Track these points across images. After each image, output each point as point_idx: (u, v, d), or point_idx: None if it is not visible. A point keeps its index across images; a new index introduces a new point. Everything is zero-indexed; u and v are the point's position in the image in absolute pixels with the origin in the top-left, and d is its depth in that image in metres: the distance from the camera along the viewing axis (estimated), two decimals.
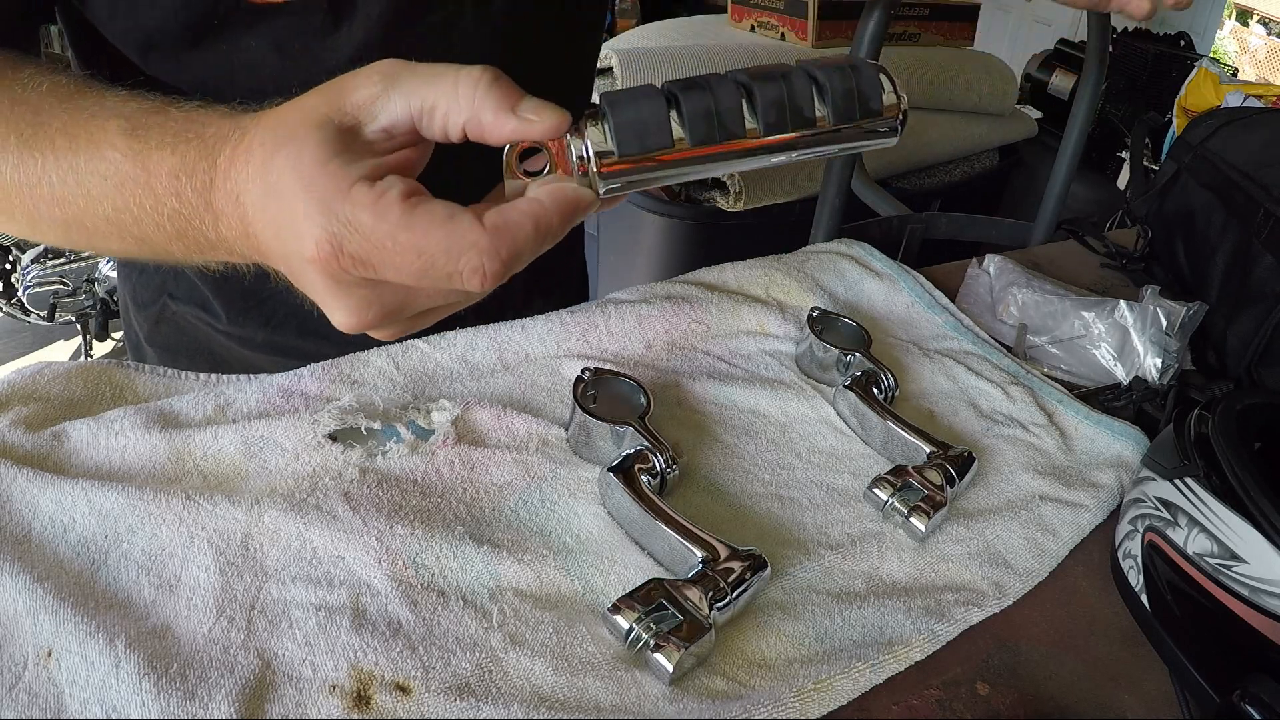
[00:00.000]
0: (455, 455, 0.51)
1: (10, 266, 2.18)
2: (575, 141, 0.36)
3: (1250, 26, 4.78)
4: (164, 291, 0.67)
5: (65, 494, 0.44)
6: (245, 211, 0.36)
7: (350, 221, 0.33)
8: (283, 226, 0.34)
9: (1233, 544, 0.43)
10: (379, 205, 0.33)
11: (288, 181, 0.33)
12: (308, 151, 0.33)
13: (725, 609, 0.43)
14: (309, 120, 0.34)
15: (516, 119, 0.34)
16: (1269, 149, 0.80)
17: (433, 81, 0.34)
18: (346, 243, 0.33)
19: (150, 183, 0.38)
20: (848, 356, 0.63)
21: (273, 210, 0.34)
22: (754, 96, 0.36)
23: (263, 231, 0.36)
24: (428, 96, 0.34)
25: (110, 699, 0.36)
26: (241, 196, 0.36)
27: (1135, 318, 0.69)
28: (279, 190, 0.34)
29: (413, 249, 0.33)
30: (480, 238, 0.33)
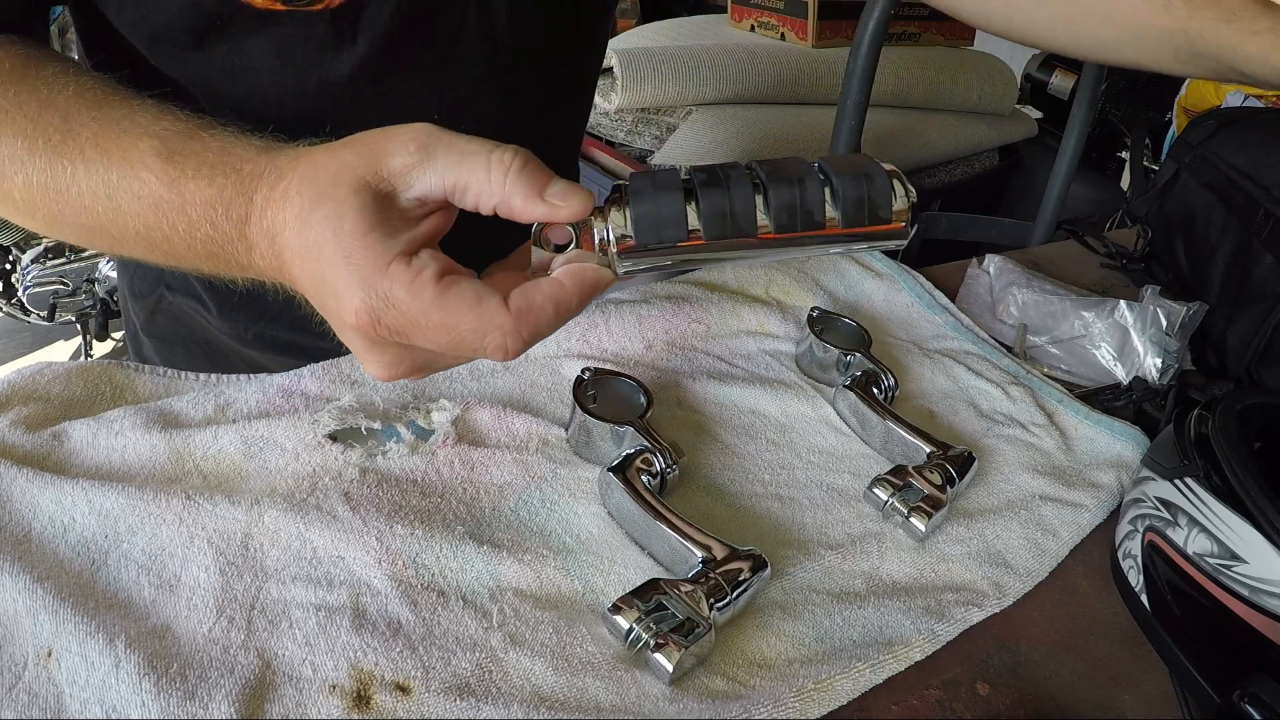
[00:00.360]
0: (455, 455, 0.51)
1: (10, 266, 2.18)
2: (598, 224, 0.38)
3: None
4: (161, 282, 0.67)
5: (65, 494, 0.44)
6: (281, 252, 0.38)
7: (388, 297, 0.35)
8: (322, 284, 0.36)
9: (1233, 544, 0.43)
10: (415, 284, 0.35)
11: (328, 245, 0.36)
12: (348, 220, 0.35)
13: (725, 609, 0.43)
14: (348, 181, 0.36)
15: (545, 205, 0.37)
16: (1269, 149, 0.80)
17: (466, 161, 0.36)
18: (384, 316, 0.35)
19: (185, 209, 0.40)
20: (848, 356, 0.63)
21: (311, 266, 0.37)
22: (768, 197, 0.38)
23: (301, 278, 0.38)
24: (461, 176, 0.36)
25: (110, 699, 0.36)
26: (278, 238, 0.38)
27: (1135, 318, 0.69)
28: (318, 250, 0.36)
29: (444, 327, 0.35)
30: (505, 320, 0.36)
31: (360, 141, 0.37)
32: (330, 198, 0.36)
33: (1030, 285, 0.76)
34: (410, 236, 0.37)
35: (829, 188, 0.39)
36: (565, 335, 0.63)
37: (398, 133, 0.37)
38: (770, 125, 1.50)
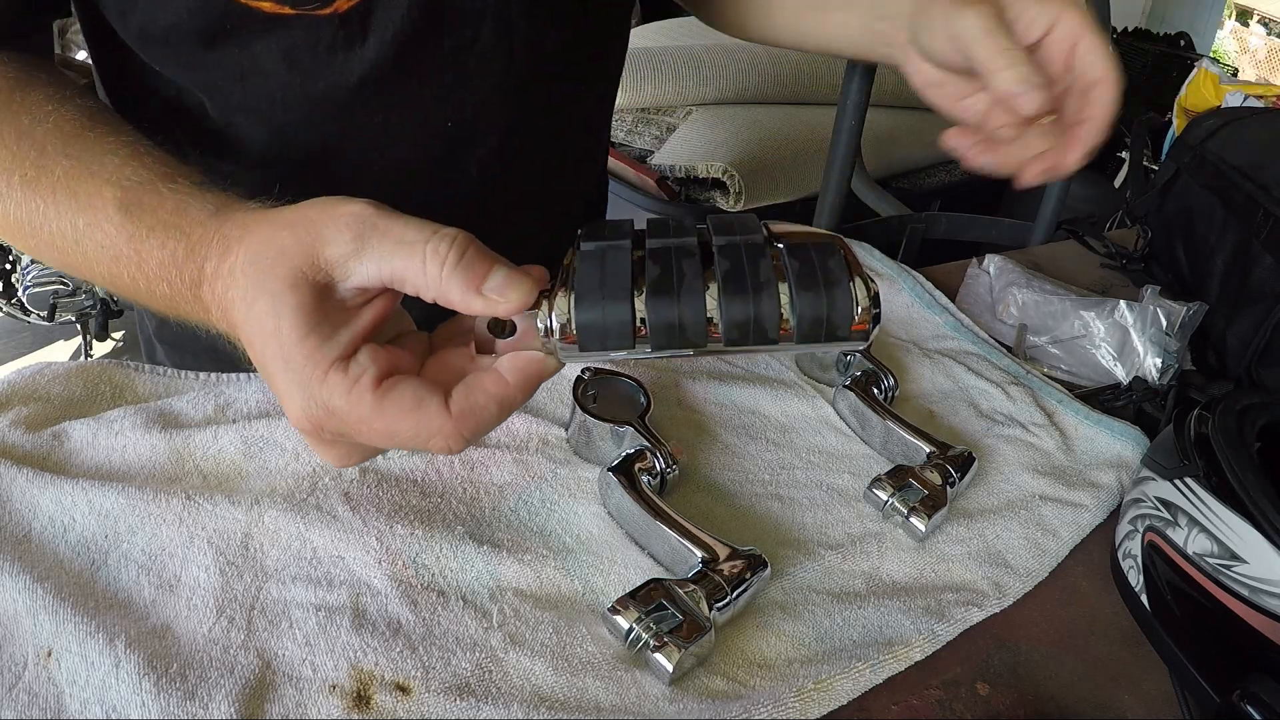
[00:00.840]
0: (455, 455, 0.51)
1: (10, 266, 2.18)
2: (542, 310, 0.36)
3: (1250, 26, 4.78)
4: None
5: (65, 494, 0.44)
6: (234, 325, 0.38)
7: (327, 406, 0.35)
8: (269, 376, 0.36)
9: (1233, 544, 0.43)
10: (353, 393, 0.35)
11: (270, 344, 0.35)
12: (285, 320, 0.35)
13: (725, 609, 0.43)
14: (284, 274, 0.35)
15: (482, 299, 0.35)
16: (1269, 149, 0.80)
17: (401, 251, 0.35)
18: (325, 423, 0.35)
19: (142, 265, 0.40)
20: (848, 356, 0.63)
21: (258, 353, 0.36)
22: (721, 308, 0.35)
23: (253, 355, 0.37)
24: (398, 268, 0.35)
25: (110, 699, 0.36)
26: (229, 312, 0.37)
27: (1135, 318, 0.69)
28: (262, 344, 0.36)
29: (385, 433, 0.35)
30: (445, 423, 0.35)
31: (299, 222, 0.36)
32: (268, 291, 0.35)
33: (1030, 285, 0.76)
34: (350, 335, 0.36)
35: (790, 297, 0.35)
36: None
37: (334, 216, 0.35)
38: (770, 125, 1.50)
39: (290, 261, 0.35)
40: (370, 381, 0.35)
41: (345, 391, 0.35)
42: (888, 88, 1.64)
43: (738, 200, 1.40)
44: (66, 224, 0.42)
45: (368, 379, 0.35)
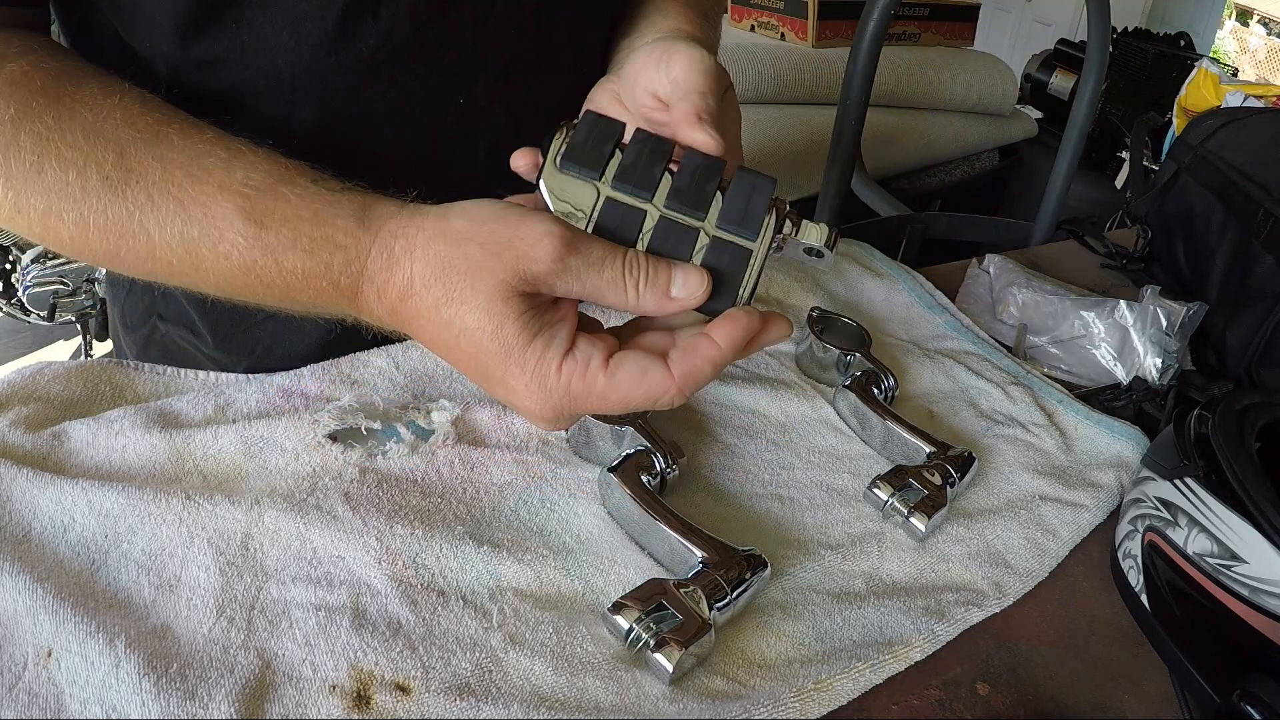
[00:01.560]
0: (455, 455, 0.51)
1: (10, 266, 2.18)
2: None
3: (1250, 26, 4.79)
4: (153, 313, 0.65)
5: (65, 494, 0.44)
6: (420, 332, 0.40)
7: (566, 392, 0.39)
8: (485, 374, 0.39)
9: (1233, 544, 0.43)
10: (587, 377, 0.39)
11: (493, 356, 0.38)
12: (508, 329, 0.38)
13: (725, 609, 0.43)
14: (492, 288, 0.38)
15: (673, 302, 0.40)
16: (1269, 149, 0.80)
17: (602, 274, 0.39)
18: (564, 407, 0.39)
19: (283, 275, 0.41)
20: (848, 356, 0.63)
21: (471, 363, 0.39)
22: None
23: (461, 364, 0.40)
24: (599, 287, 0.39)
25: (110, 699, 0.36)
26: (412, 321, 0.40)
27: (1135, 318, 0.69)
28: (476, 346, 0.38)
29: (620, 402, 0.39)
30: (671, 385, 0.39)
31: (488, 239, 0.38)
32: (478, 306, 0.38)
33: (1030, 285, 0.76)
34: (566, 330, 0.40)
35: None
36: None
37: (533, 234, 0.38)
38: (770, 125, 1.50)
39: (495, 276, 0.38)
40: (600, 363, 0.39)
41: (581, 376, 0.39)
42: (888, 88, 1.64)
43: None
44: (173, 231, 0.41)
45: (597, 361, 0.39)
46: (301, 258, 0.40)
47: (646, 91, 0.47)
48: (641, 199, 0.42)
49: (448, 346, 0.40)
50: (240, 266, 0.41)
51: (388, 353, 0.58)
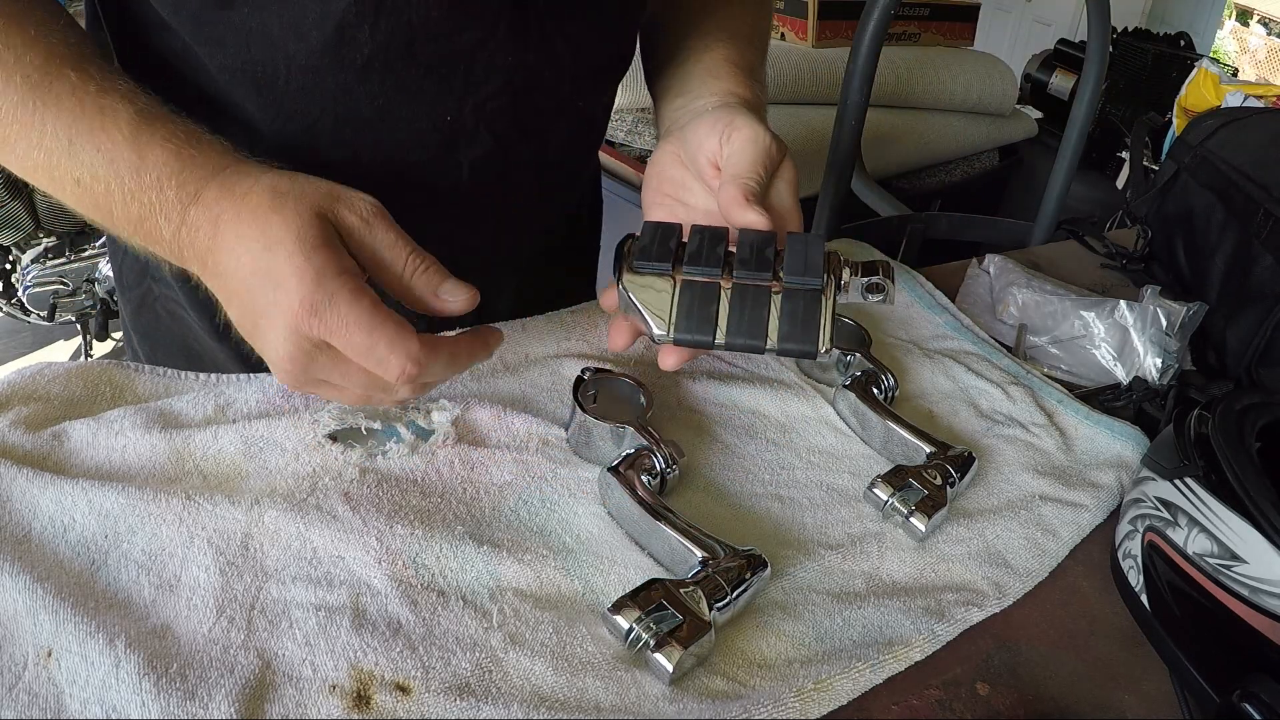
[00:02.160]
0: (455, 455, 0.51)
1: (10, 266, 2.18)
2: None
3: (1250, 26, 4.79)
4: (147, 274, 0.66)
5: (65, 494, 0.44)
6: (220, 238, 0.43)
7: (333, 296, 0.40)
8: (265, 275, 0.41)
9: (1233, 544, 0.43)
10: (357, 294, 0.41)
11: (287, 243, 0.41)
12: (312, 230, 0.41)
13: (725, 609, 0.43)
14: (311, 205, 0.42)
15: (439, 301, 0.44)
16: (1269, 149, 0.80)
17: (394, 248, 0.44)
18: (323, 311, 0.40)
19: (140, 169, 0.44)
20: (848, 356, 0.63)
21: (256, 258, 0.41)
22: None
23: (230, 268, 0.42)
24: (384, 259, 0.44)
25: (110, 699, 0.36)
26: (223, 225, 0.43)
27: (1135, 318, 0.69)
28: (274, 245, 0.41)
29: (365, 330, 0.41)
30: (414, 345, 0.42)
31: (323, 182, 0.44)
32: (293, 210, 0.41)
33: (1030, 285, 0.76)
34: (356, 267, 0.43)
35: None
36: (565, 335, 0.63)
37: (354, 194, 0.44)
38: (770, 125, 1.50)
39: (315, 200, 0.42)
40: (371, 298, 0.41)
41: (353, 289, 0.41)
42: (888, 88, 1.64)
43: None
44: (64, 124, 0.44)
45: (370, 295, 0.41)
46: (167, 153, 0.44)
47: (708, 161, 0.53)
48: (712, 275, 0.47)
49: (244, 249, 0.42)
50: (108, 159, 0.44)
51: None
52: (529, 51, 0.55)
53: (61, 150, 0.44)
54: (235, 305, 0.44)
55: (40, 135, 0.44)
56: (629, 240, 0.49)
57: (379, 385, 0.44)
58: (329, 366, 0.43)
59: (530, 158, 0.61)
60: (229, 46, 0.51)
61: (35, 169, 0.45)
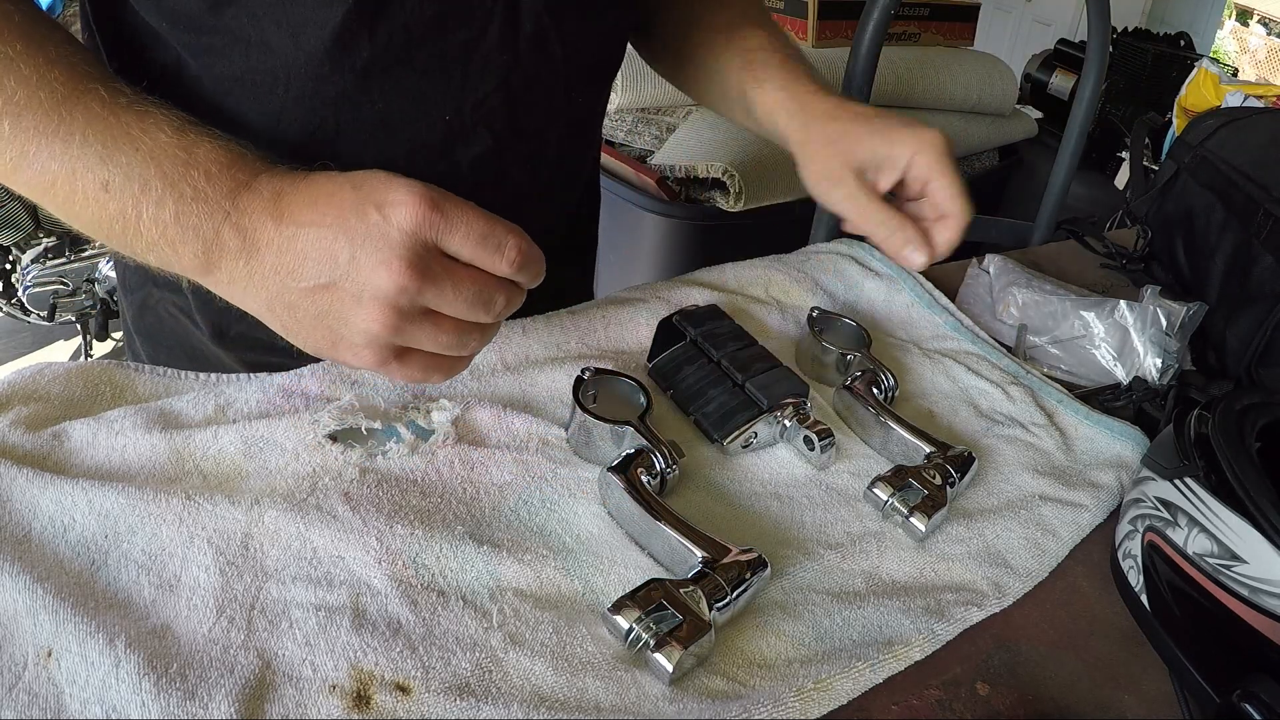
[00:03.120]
0: (455, 455, 0.51)
1: (10, 266, 2.18)
2: None
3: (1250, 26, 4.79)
4: (148, 279, 0.66)
5: (65, 494, 0.44)
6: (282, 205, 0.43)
7: (444, 194, 0.42)
8: (368, 201, 0.41)
9: (1233, 544, 0.43)
10: (462, 200, 0.43)
11: (380, 174, 0.42)
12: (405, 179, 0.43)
13: (725, 609, 0.43)
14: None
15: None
16: (1269, 149, 0.80)
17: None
18: (440, 202, 0.41)
19: (188, 163, 0.43)
20: (848, 356, 0.63)
21: (360, 192, 0.42)
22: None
23: (314, 216, 0.42)
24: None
25: (110, 699, 0.36)
26: (284, 196, 0.43)
27: (1135, 318, 0.69)
28: (367, 178, 0.42)
29: (483, 216, 0.43)
30: (518, 229, 0.44)
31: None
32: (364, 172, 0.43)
33: (1030, 285, 0.76)
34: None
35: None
36: (565, 335, 0.63)
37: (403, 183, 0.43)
38: None
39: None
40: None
41: (457, 198, 0.42)
42: (888, 88, 1.64)
43: (738, 200, 1.40)
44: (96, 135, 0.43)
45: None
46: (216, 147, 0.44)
47: (889, 175, 0.59)
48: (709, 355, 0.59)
49: (323, 191, 0.42)
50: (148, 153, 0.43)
51: None
52: (523, 50, 0.55)
53: (91, 157, 0.43)
54: (313, 261, 0.42)
55: (66, 146, 0.43)
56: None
57: (484, 298, 0.44)
58: (443, 276, 0.42)
59: (528, 156, 0.61)
60: (226, 56, 0.51)
61: (52, 182, 0.44)
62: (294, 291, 0.43)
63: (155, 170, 0.43)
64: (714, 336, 0.60)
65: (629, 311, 0.65)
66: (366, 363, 0.44)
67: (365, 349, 0.43)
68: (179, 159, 0.43)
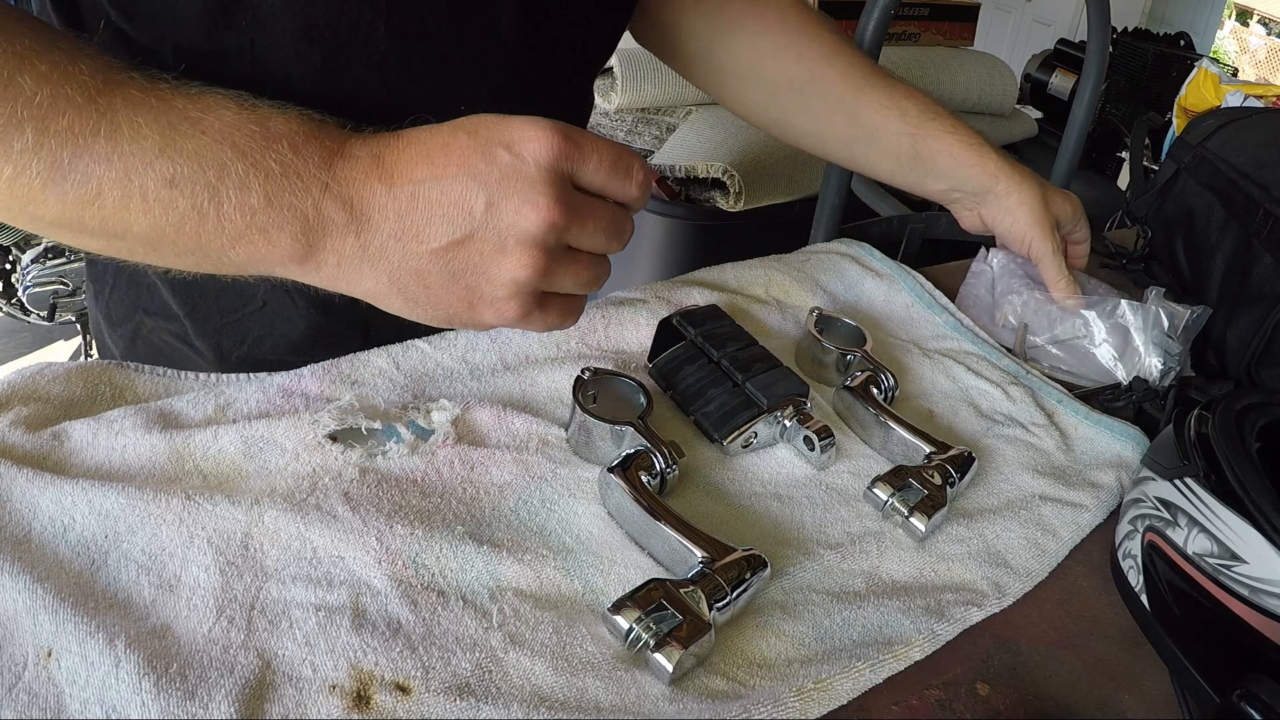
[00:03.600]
0: (455, 455, 0.51)
1: (10, 266, 2.18)
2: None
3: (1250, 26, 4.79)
4: (138, 307, 0.65)
5: (65, 494, 0.44)
6: (387, 164, 0.40)
7: (565, 124, 0.40)
8: (497, 144, 0.39)
9: (1233, 544, 0.43)
10: (582, 129, 0.41)
11: (492, 117, 0.40)
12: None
13: (725, 609, 0.43)
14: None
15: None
16: (1269, 149, 0.80)
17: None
18: (571, 133, 0.40)
19: (267, 138, 0.39)
20: (848, 356, 0.63)
21: (481, 139, 0.39)
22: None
23: (435, 171, 0.39)
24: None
25: (110, 699, 0.36)
26: (385, 157, 0.40)
27: (1137, 318, 0.69)
28: (482, 122, 0.40)
29: (607, 142, 0.41)
30: (642, 160, 0.43)
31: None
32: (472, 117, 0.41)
33: (1031, 286, 0.75)
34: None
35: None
36: (565, 335, 0.63)
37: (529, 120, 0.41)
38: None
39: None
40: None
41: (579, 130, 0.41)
42: None
43: (737, 200, 1.40)
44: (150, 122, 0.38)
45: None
46: (291, 119, 0.40)
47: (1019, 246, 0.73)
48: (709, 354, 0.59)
49: (438, 140, 0.40)
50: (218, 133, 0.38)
51: (388, 352, 0.58)
52: (536, 36, 0.55)
53: (148, 150, 0.37)
54: (442, 217, 0.39)
55: (112, 143, 0.37)
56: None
57: (617, 227, 0.43)
58: (584, 208, 0.41)
59: None
60: (232, 61, 0.49)
61: (98, 192, 0.37)
62: (421, 256, 0.39)
63: (231, 150, 0.38)
64: (714, 336, 0.60)
65: (629, 311, 0.65)
66: (509, 317, 0.42)
67: (510, 301, 0.41)
68: (255, 134, 0.38)
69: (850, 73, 0.71)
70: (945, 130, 0.70)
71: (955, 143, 0.70)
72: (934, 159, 0.71)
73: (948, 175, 0.72)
